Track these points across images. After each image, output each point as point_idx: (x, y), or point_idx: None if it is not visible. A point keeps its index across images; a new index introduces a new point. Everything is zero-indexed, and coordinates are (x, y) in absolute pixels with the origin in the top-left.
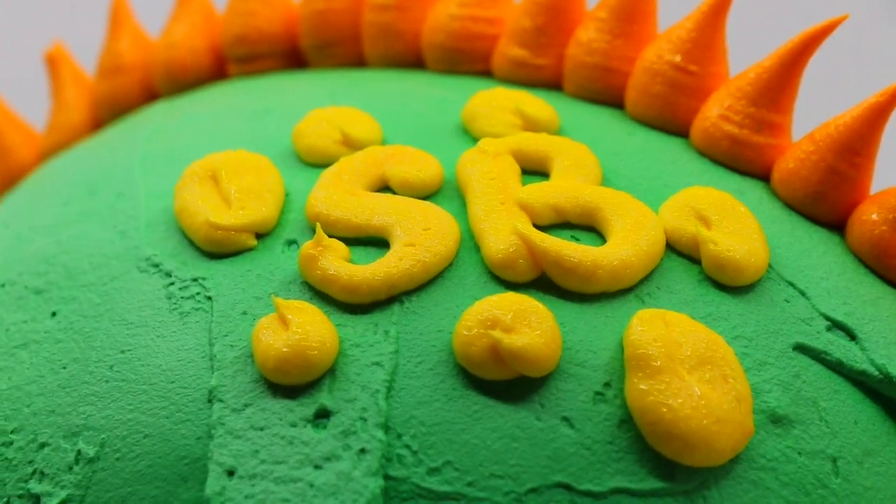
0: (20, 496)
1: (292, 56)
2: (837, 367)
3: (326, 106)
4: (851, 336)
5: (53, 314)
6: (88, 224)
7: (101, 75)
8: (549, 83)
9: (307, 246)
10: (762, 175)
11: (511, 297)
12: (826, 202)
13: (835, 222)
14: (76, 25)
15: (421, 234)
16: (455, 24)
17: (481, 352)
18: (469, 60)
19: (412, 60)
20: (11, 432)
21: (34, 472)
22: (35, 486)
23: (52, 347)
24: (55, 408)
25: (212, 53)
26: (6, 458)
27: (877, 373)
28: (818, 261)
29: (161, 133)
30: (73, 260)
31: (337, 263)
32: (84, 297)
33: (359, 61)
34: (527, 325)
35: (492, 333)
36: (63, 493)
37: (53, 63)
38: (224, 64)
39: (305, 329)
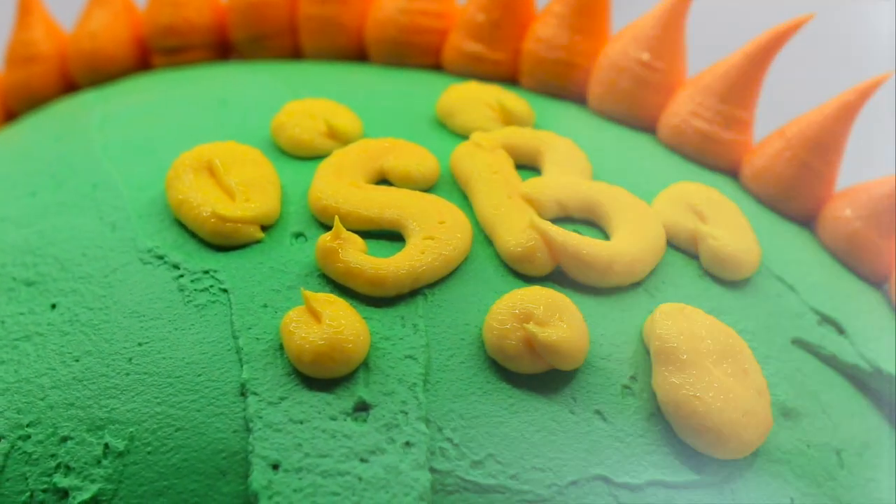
0: (45, 490)
1: (220, 48)
2: (831, 361)
3: (288, 99)
4: (840, 330)
5: (53, 306)
6: (69, 215)
7: (13, 65)
8: (506, 77)
9: (326, 239)
10: (728, 171)
11: (539, 290)
12: (798, 198)
13: (804, 218)
14: None
15: (438, 228)
16: (404, 18)
17: (516, 345)
18: (417, 54)
19: (353, 54)
20: (28, 426)
21: (58, 466)
22: (61, 480)
23: (59, 340)
24: (74, 401)
25: (135, 44)
26: (25, 452)
27: (867, 366)
28: (799, 256)
29: (113, 123)
30: (63, 251)
31: (360, 256)
32: (85, 289)
33: (293, 54)
34: (558, 319)
35: (527, 327)
36: (94, 487)
37: None
38: (147, 55)
39: (339, 322)
